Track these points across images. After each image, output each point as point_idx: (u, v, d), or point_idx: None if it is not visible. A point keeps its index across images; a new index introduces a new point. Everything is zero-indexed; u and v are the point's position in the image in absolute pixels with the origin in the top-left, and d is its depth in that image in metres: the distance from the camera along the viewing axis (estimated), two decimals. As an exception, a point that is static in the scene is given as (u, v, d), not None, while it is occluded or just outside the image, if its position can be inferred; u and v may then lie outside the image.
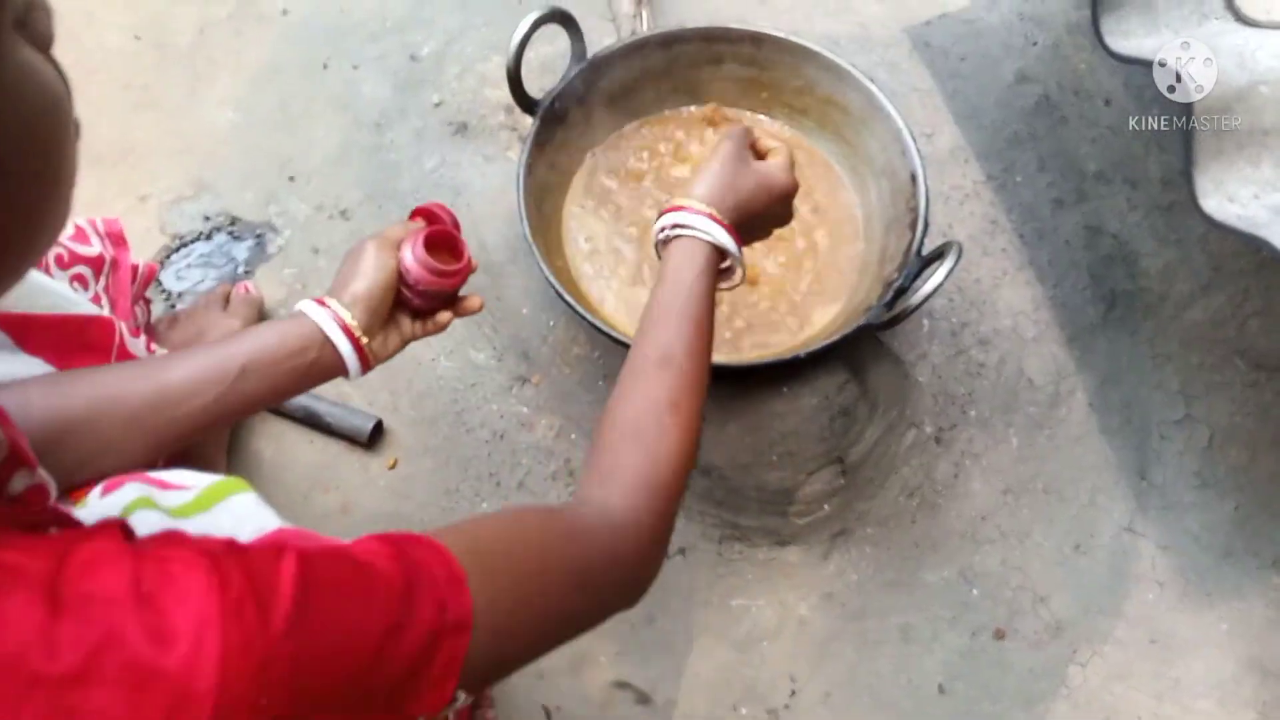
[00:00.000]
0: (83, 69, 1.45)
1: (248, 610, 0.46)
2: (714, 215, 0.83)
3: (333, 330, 0.82)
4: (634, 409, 0.74)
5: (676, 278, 0.81)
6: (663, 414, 0.73)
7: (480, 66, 1.43)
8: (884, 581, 1.19)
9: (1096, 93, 1.42)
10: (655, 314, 0.80)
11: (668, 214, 0.85)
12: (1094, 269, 1.33)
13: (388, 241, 0.87)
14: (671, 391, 0.75)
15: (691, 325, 0.78)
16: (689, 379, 0.76)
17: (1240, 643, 1.18)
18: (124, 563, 0.46)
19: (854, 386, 1.19)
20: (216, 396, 0.78)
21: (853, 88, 1.20)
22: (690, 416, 0.75)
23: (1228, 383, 1.28)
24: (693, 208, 0.84)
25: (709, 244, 0.83)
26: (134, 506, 0.69)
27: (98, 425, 0.75)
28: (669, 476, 0.72)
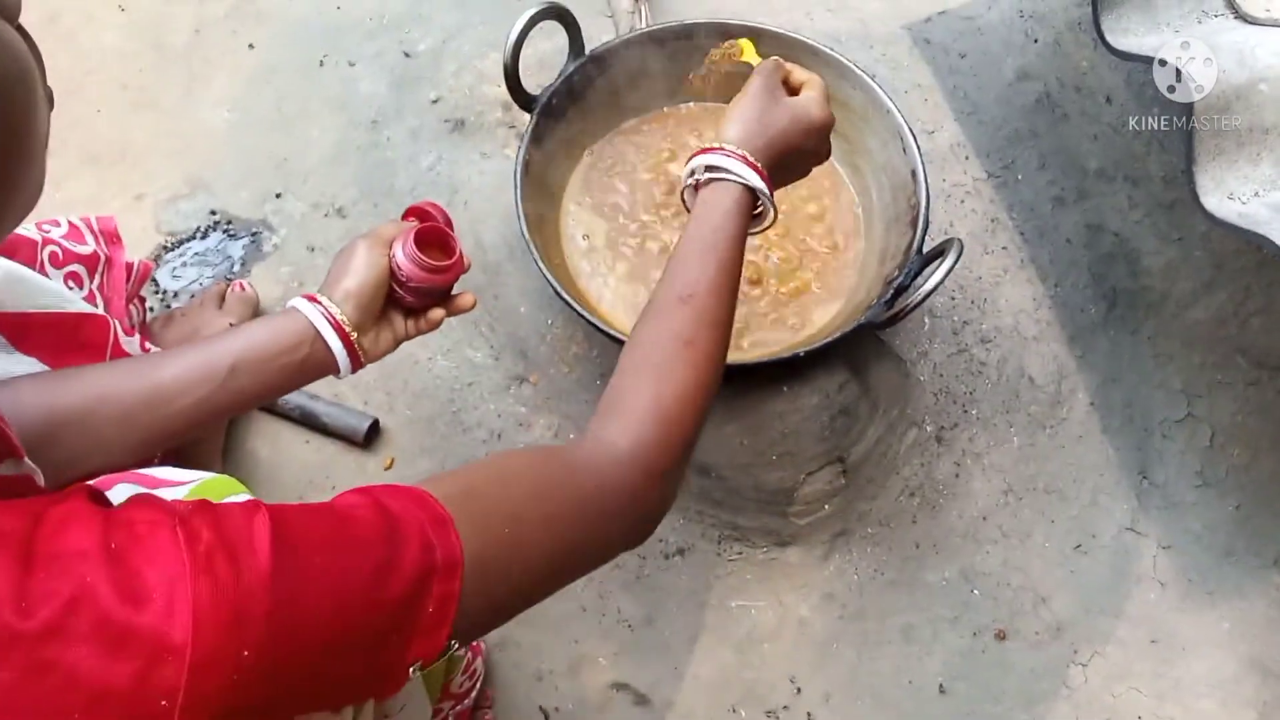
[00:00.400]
0: (80, 69, 1.45)
1: (219, 564, 0.45)
2: (746, 158, 0.81)
3: (324, 327, 0.82)
4: (648, 343, 0.73)
5: (706, 218, 0.79)
6: (677, 348, 0.72)
7: (478, 63, 1.42)
8: (885, 582, 1.19)
9: (1098, 90, 1.41)
10: (682, 252, 0.78)
11: (699, 156, 0.83)
12: (1095, 267, 1.32)
13: (380, 239, 0.87)
14: (689, 326, 0.73)
15: (716, 264, 0.77)
16: (709, 315, 0.75)
17: (1242, 642, 1.17)
18: (94, 521, 0.46)
19: (854, 385, 1.19)
20: (208, 394, 0.78)
21: (853, 84, 1.19)
22: (707, 352, 0.73)
23: (1230, 382, 1.27)
24: (725, 149, 0.81)
25: (741, 186, 0.81)
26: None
27: (90, 423, 0.75)
28: (678, 409, 0.70)
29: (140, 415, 0.76)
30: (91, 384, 0.76)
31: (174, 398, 0.77)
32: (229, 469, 1.18)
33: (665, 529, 1.18)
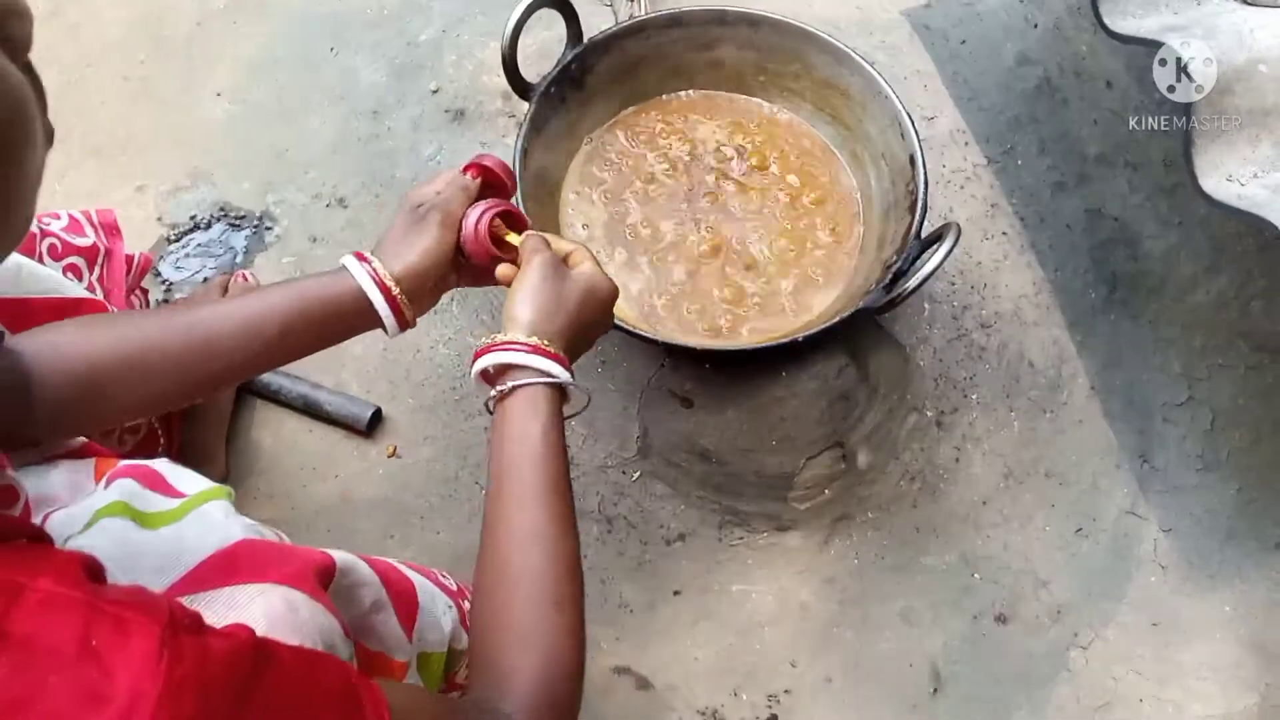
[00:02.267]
0: (81, 61, 1.45)
1: (187, 698, 0.44)
2: (546, 350, 0.75)
3: (373, 293, 0.79)
4: (518, 608, 0.68)
5: (524, 439, 0.73)
6: (549, 615, 0.68)
7: (478, 53, 1.43)
8: (885, 566, 1.19)
9: (1098, 74, 1.41)
10: (512, 486, 0.72)
11: (492, 353, 0.76)
12: (1095, 252, 1.32)
13: (452, 217, 0.83)
14: (554, 583, 0.69)
15: (555, 495, 0.72)
16: (567, 563, 0.70)
17: (1243, 625, 1.17)
18: (77, 611, 0.45)
19: (854, 370, 1.19)
20: (256, 351, 0.77)
21: (852, 71, 1.19)
22: (575, 611, 0.69)
23: (1230, 365, 1.27)
24: (524, 344, 0.75)
25: (550, 386, 0.75)
26: (105, 512, 0.68)
27: (134, 374, 0.74)
28: (566, 688, 0.67)
29: (185, 367, 0.75)
30: (135, 333, 0.75)
31: (220, 354, 0.76)
32: (233, 458, 1.19)
33: (666, 515, 1.19)
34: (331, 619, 0.64)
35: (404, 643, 0.75)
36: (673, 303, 1.17)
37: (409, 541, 1.17)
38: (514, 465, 0.72)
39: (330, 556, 0.69)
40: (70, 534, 0.67)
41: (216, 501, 0.73)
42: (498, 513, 0.72)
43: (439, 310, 1.25)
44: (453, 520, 1.18)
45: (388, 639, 0.74)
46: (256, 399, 1.23)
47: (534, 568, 0.69)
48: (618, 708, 1.12)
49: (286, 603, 0.61)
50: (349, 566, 0.71)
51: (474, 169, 0.89)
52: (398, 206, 1.30)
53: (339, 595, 0.68)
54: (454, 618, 0.83)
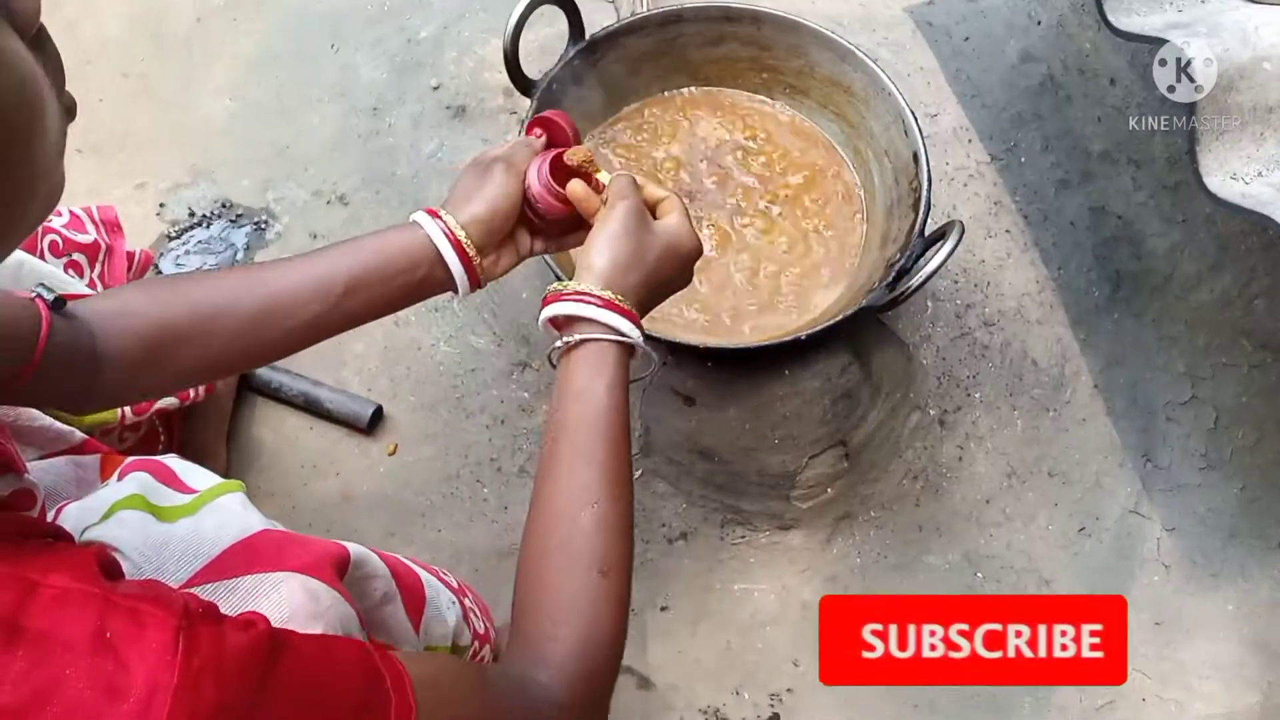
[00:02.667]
0: (81, 58, 1.45)
1: (205, 687, 0.44)
2: (620, 305, 0.71)
3: (445, 247, 0.76)
4: (562, 573, 0.66)
5: (588, 397, 0.70)
6: (594, 581, 0.65)
7: (479, 49, 1.42)
8: (888, 565, 1.19)
9: (1102, 72, 1.40)
10: (569, 445, 0.69)
11: (562, 302, 0.72)
12: (1099, 250, 1.32)
13: (516, 164, 0.80)
14: (601, 550, 0.66)
15: (613, 458, 0.69)
16: (616, 530, 0.67)
17: (1246, 624, 1.17)
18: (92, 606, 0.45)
19: (857, 369, 1.19)
20: (323, 311, 0.74)
21: (855, 68, 1.18)
22: (621, 580, 0.67)
23: (1234, 364, 1.27)
24: (596, 296, 0.71)
25: (619, 344, 0.71)
26: (123, 504, 0.68)
27: (202, 338, 0.73)
28: (608, 661, 0.66)
29: (253, 331, 0.74)
30: (205, 295, 0.73)
31: (290, 313, 0.74)
32: (234, 456, 1.19)
33: (668, 513, 1.18)
34: (349, 608, 0.64)
35: (411, 636, 0.75)
36: (675, 300, 1.16)
37: (410, 540, 1.17)
38: (572, 423, 0.70)
39: (344, 548, 0.69)
40: (87, 525, 0.67)
41: (232, 494, 0.73)
42: (550, 472, 0.69)
43: (440, 308, 1.26)
44: (454, 519, 1.18)
45: (396, 631, 0.74)
46: (257, 396, 1.22)
47: (581, 532, 0.67)
48: (619, 707, 1.12)
49: (307, 591, 0.62)
50: (362, 558, 0.71)
51: (535, 126, 0.86)
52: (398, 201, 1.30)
53: (352, 586, 0.69)
54: (457, 614, 0.83)
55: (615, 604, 0.66)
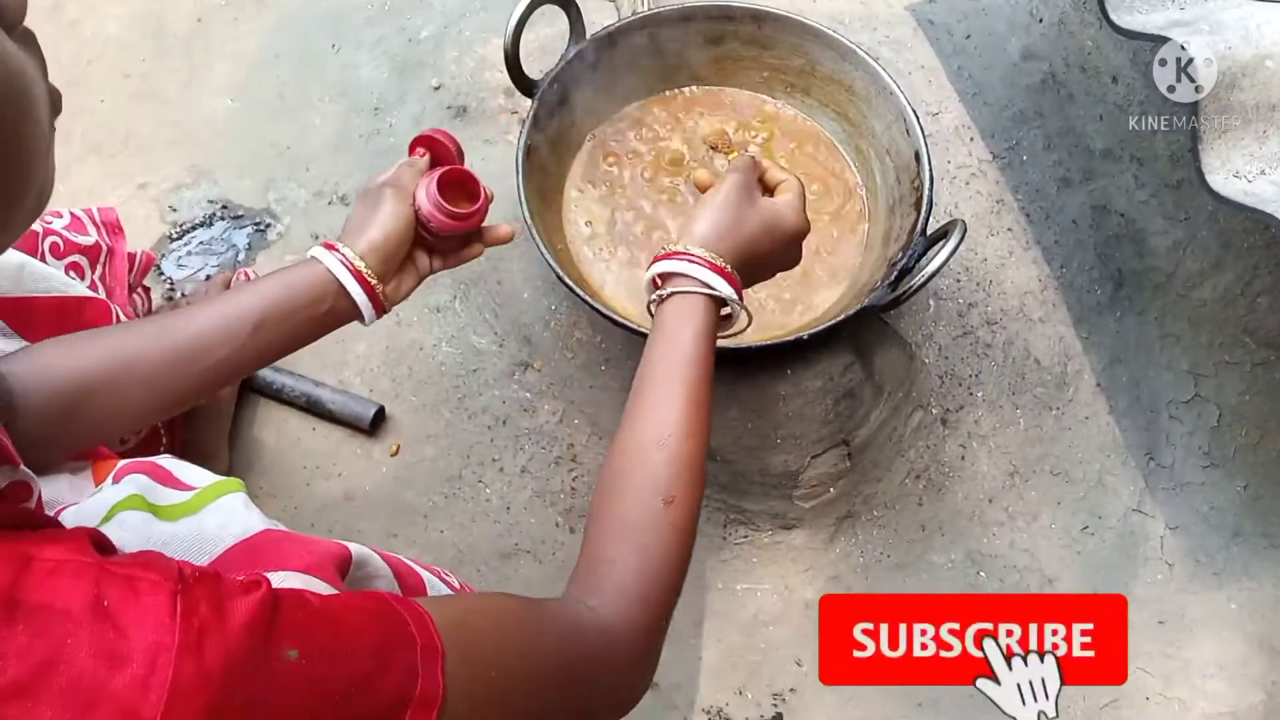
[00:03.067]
0: (82, 58, 1.45)
1: (209, 646, 0.44)
2: (714, 263, 0.76)
3: (346, 278, 0.80)
4: (627, 500, 0.69)
5: (674, 341, 0.74)
6: (657, 508, 0.68)
7: (479, 49, 1.42)
8: (891, 564, 1.19)
9: (1103, 69, 1.40)
10: (650, 384, 0.73)
11: (663, 261, 0.78)
12: (1101, 248, 1.31)
13: (403, 189, 0.84)
14: (667, 482, 0.69)
15: (689, 400, 0.72)
16: (686, 465, 0.70)
17: (1250, 623, 1.17)
18: (87, 575, 0.45)
19: (859, 368, 1.18)
20: (234, 351, 0.77)
21: (856, 66, 1.18)
22: (686, 508, 0.69)
23: (1237, 362, 1.26)
24: (692, 254, 0.77)
25: (709, 298, 0.76)
26: (123, 506, 0.68)
27: (117, 386, 0.74)
28: (665, 586, 0.67)
29: (165, 377, 0.75)
30: (118, 346, 0.75)
31: (199, 356, 0.76)
32: (236, 457, 1.19)
33: (670, 513, 1.18)
34: None
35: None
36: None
37: (412, 540, 1.17)
38: (655, 365, 0.74)
39: (346, 548, 0.69)
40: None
41: (234, 494, 0.74)
42: (630, 411, 0.73)
43: (441, 308, 1.26)
44: (456, 519, 1.18)
45: None
46: (259, 397, 1.22)
47: (651, 465, 0.69)
48: (622, 707, 1.12)
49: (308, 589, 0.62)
50: (364, 559, 0.71)
51: (418, 146, 0.90)
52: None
53: (354, 586, 0.69)
54: None
55: (677, 532, 0.68)
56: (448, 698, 0.52)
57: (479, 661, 0.55)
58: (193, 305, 0.80)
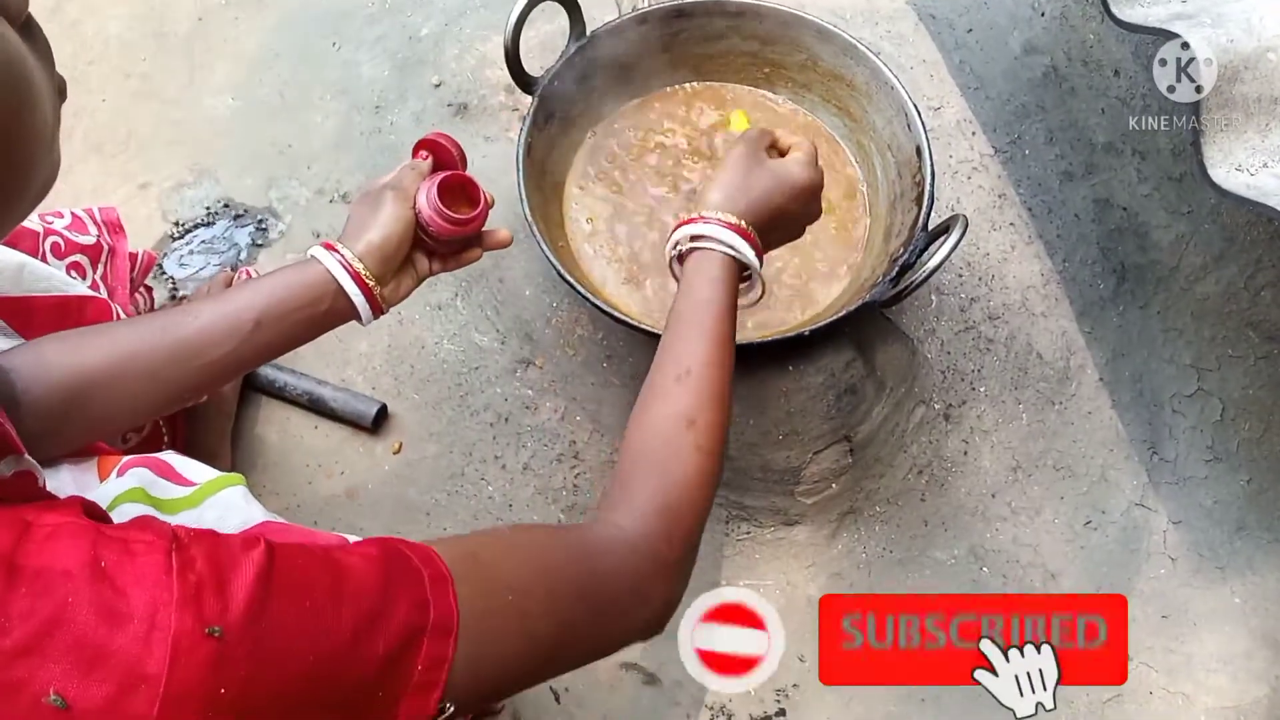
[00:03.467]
0: (83, 58, 1.45)
1: (207, 598, 0.45)
2: (728, 222, 0.80)
3: (344, 279, 0.81)
4: (650, 427, 0.72)
5: (692, 291, 0.78)
6: (680, 429, 0.70)
7: (480, 46, 1.42)
8: (893, 560, 1.19)
9: (1105, 63, 1.39)
10: (673, 330, 0.77)
11: (682, 226, 0.82)
12: (1104, 242, 1.31)
13: (404, 190, 0.85)
14: (688, 406, 0.72)
15: (708, 338, 0.75)
16: (708, 389, 0.73)
17: (1254, 617, 1.16)
18: (84, 537, 0.46)
19: (861, 364, 1.18)
20: (234, 348, 0.78)
21: (857, 61, 1.18)
22: (709, 431, 0.71)
23: (1240, 355, 1.26)
24: (706, 216, 0.80)
25: (725, 254, 0.79)
26: (125, 498, 0.69)
27: (118, 382, 0.75)
28: (686, 498, 0.68)
29: (166, 372, 0.76)
30: (119, 341, 0.76)
31: (199, 354, 0.77)
32: (238, 455, 1.19)
33: (673, 510, 1.18)
34: None
35: None
36: (678, 297, 1.16)
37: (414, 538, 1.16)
38: (678, 317, 0.77)
39: (346, 540, 0.69)
40: None
41: (234, 488, 0.75)
42: (657, 358, 0.76)
43: (443, 306, 1.26)
44: (458, 517, 1.18)
45: None
46: (261, 396, 1.22)
47: (672, 394, 0.72)
48: (625, 703, 1.12)
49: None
50: None
51: (421, 149, 0.91)
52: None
53: None
54: None
55: (700, 452, 0.70)
56: (463, 622, 0.52)
57: (494, 586, 0.56)
58: (194, 302, 0.81)
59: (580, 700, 1.12)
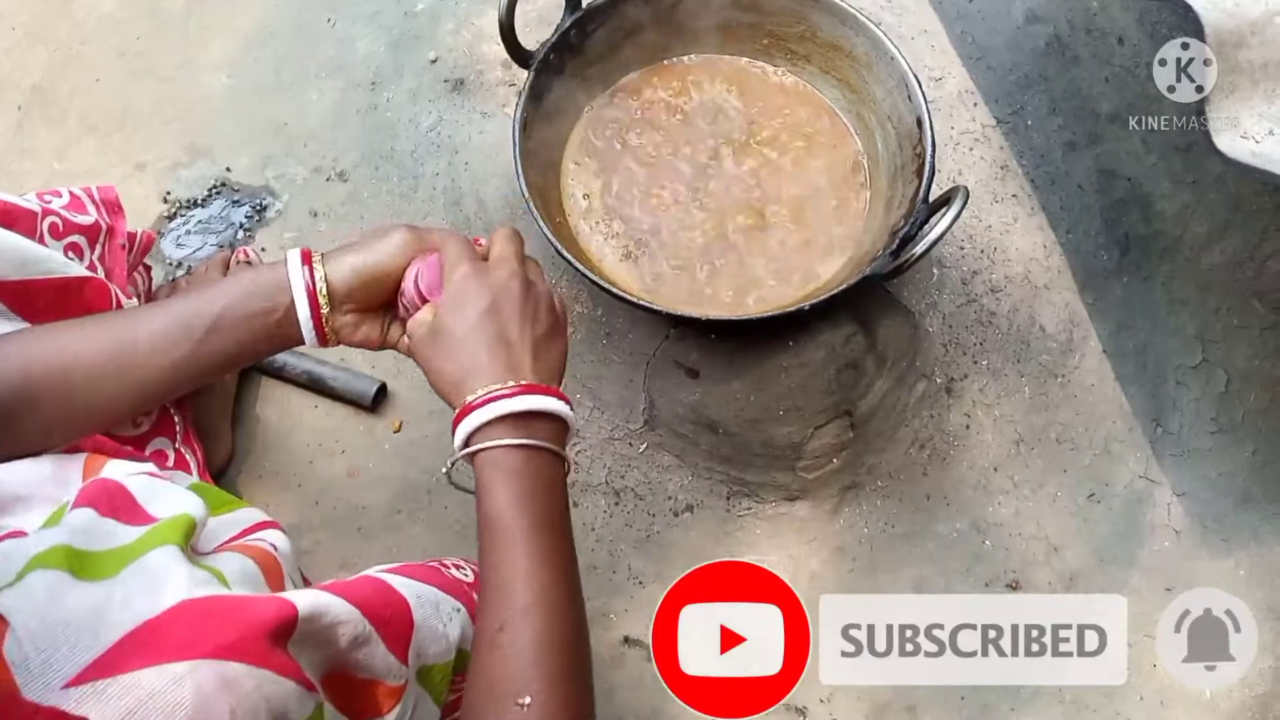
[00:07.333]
0: (76, 37, 1.44)
1: None
2: (527, 386, 0.71)
3: (299, 290, 0.75)
4: (479, 705, 0.64)
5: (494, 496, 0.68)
6: (516, 715, 0.62)
7: (476, 21, 1.40)
8: (895, 535, 1.18)
9: (1109, 30, 1.37)
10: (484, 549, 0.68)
11: (473, 414, 0.70)
12: (1107, 213, 1.30)
13: (420, 239, 0.78)
14: (517, 679, 0.63)
15: (531, 560, 0.67)
16: (537, 652, 0.65)
17: (1259, 589, 1.16)
18: None
19: (862, 338, 1.17)
20: (185, 354, 0.73)
21: (857, 31, 1.16)
22: (553, 711, 0.63)
23: (1246, 326, 1.25)
24: (497, 393, 0.70)
25: (536, 449, 0.70)
26: (40, 562, 0.60)
27: (64, 386, 0.71)
28: None
29: (114, 379, 0.72)
30: (67, 344, 0.72)
31: (147, 359, 0.73)
32: (238, 436, 1.19)
33: (674, 486, 1.18)
34: (283, 683, 0.59)
35: (397, 667, 0.71)
36: (676, 272, 1.16)
37: (416, 517, 1.17)
38: (505, 550, 0.69)
39: (292, 606, 0.61)
40: (2, 585, 0.59)
41: (166, 547, 0.65)
42: (483, 586, 0.68)
43: (442, 284, 1.25)
44: (459, 495, 1.16)
45: (377, 667, 0.69)
46: (261, 376, 1.22)
47: (494, 661, 0.65)
48: (628, 678, 1.13)
49: (221, 679, 0.55)
50: (319, 610, 0.64)
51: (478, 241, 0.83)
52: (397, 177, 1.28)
53: (309, 640, 0.63)
54: (462, 620, 0.79)
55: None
56: None
57: None
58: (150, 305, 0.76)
59: (583, 676, 1.12)
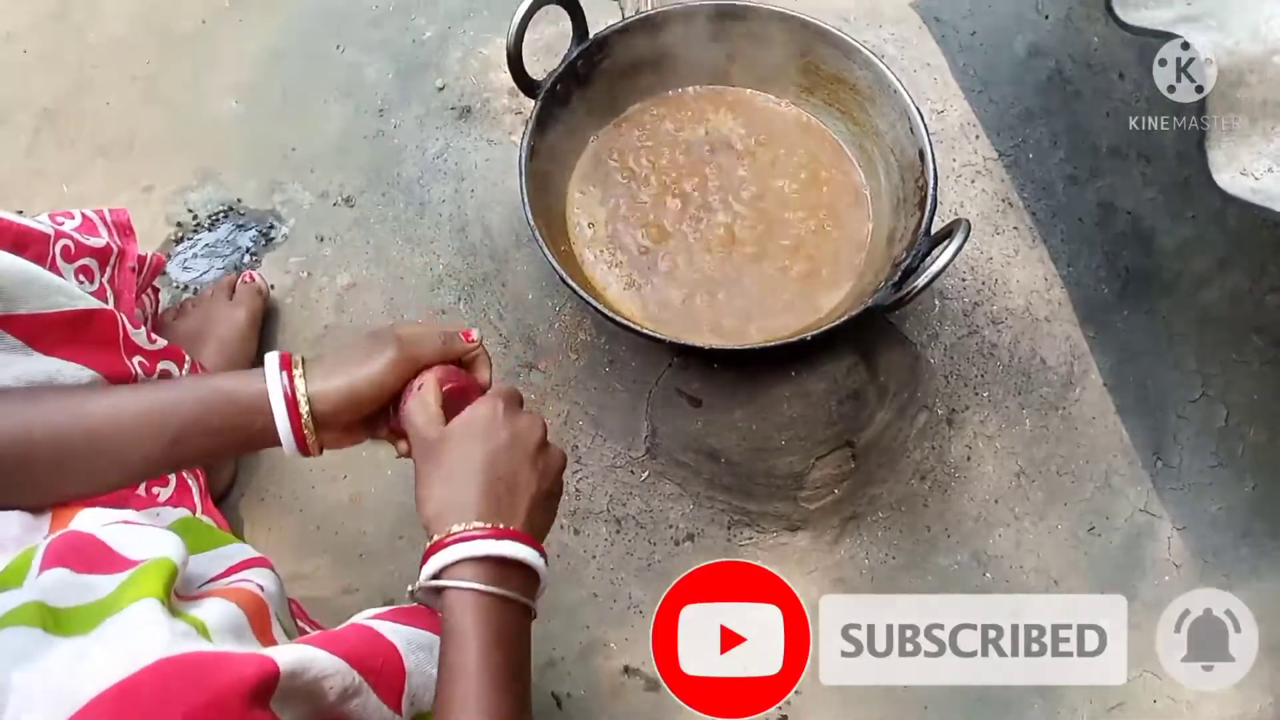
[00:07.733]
0: (88, 62, 1.45)
1: None
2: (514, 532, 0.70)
3: (279, 408, 0.72)
4: None
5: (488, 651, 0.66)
6: None
7: (483, 49, 1.42)
8: (896, 566, 1.18)
9: (1110, 66, 1.39)
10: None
11: (453, 546, 0.70)
12: (1108, 247, 1.31)
13: (412, 362, 0.76)
14: None
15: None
16: None
17: (1259, 625, 1.16)
18: None
19: (863, 369, 1.18)
20: (160, 452, 0.71)
21: (860, 65, 1.18)
22: None
23: (1246, 361, 1.25)
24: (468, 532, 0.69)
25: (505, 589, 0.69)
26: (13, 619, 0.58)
27: (25, 462, 0.69)
28: None
29: (72, 463, 0.70)
30: (28, 420, 0.69)
31: (107, 450, 0.70)
32: (240, 460, 1.19)
33: (675, 515, 1.18)
34: None
35: (392, 717, 0.69)
36: (679, 301, 1.16)
37: (418, 543, 1.15)
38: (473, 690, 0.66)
39: (273, 663, 0.60)
40: None
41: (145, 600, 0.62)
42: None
43: (447, 310, 1.26)
44: (461, 521, 1.17)
45: (371, 718, 0.68)
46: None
47: None
48: (627, 708, 1.12)
49: None
50: (302, 666, 0.63)
51: (468, 335, 0.82)
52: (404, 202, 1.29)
53: (293, 696, 0.62)
54: None
55: None
56: None
57: None
58: (117, 390, 0.75)
59: (582, 706, 1.12)
